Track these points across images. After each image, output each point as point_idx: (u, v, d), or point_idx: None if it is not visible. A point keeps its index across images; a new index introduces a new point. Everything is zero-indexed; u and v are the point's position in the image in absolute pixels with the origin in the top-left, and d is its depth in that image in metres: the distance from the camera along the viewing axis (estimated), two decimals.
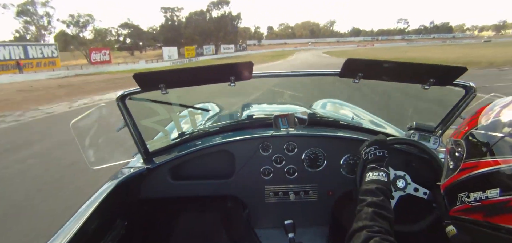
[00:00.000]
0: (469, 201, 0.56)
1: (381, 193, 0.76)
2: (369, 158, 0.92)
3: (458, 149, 0.61)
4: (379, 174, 0.83)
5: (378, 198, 0.75)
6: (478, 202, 0.54)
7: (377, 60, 1.03)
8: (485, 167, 0.52)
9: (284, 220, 1.18)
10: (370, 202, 0.73)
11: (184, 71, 1.08)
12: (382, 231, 0.63)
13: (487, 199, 0.52)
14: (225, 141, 1.36)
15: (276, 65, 24.00)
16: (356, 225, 0.68)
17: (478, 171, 0.54)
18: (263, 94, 5.93)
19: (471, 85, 1.10)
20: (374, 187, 0.78)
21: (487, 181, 0.52)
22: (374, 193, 0.77)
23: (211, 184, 1.39)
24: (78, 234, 0.80)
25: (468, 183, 0.56)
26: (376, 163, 0.89)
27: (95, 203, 0.93)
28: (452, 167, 0.62)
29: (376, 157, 0.91)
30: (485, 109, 0.61)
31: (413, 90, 6.27)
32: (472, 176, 0.55)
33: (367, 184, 0.82)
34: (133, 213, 1.26)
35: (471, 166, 0.56)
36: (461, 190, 0.58)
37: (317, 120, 1.61)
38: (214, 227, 1.51)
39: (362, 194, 0.79)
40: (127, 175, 1.16)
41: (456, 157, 0.61)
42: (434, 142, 1.24)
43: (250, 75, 1.14)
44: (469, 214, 0.57)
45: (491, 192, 0.51)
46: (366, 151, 0.95)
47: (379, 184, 0.80)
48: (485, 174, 0.52)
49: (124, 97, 1.13)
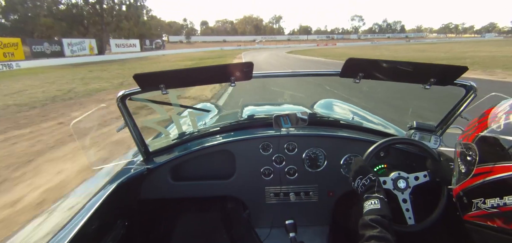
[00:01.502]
0: (486, 208, 0.53)
1: (376, 224, 0.76)
2: (361, 190, 0.92)
3: (470, 152, 0.59)
4: (372, 203, 0.83)
5: (375, 230, 0.74)
6: (496, 209, 0.52)
7: (378, 60, 1.03)
8: (502, 173, 0.50)
9: (285, 220, 1.18)
10: (368, 236, 0.73)
11: (184, 72, 1.08)
12: None
13: (505, 206, 0.50)
14: (225, 141, 1.36)
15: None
16: None
17: (494, 177, 0.51)
18: (263, 94, 5.93)
19: (472, 85, 1.10)
20: (369, 219, 0.78)
21: (504, 187, 0.50)
22: (370, 226, 0.76)
23: (212, 185, 1.39)
24: (78, 233, 0.80)
25: (484, 189, 0.54)
26: (368, 192, 0.88)
27: (96, 203, 0.93)
28: (464, 171, 0.60)
29: (365, 187, 0.90)
30: (493, 110, 0.59)
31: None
32: (487, 182, 0.53)
33: (362, 219, 0.82)
34: (134, 213, 1.26)
35: (485, 171, 0.53)
36: (476, 195, 0.56)
37: (318, 120, 1.61)
38: (214, 228, 1.51)
39: (361, 228, 0.79)
40: (128, 175, 1.16)
41: (468, 161, 0.59)
42: (435, 141, 1.24)
43: (250, 75, 1.14)
44: (486, 220, 0.55)
45: (510, 199, 0.49)
46: (355, 185, 0.95)
47: (373, 215, 0.79)
48: (501, 180, 0.50)
49: (124, 98, 1.13)
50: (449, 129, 1.25)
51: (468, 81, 1.11)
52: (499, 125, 0.54)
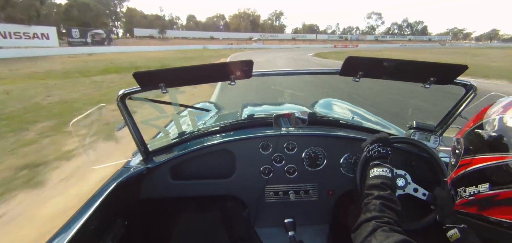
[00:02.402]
0: (466, 196, 0.59)
1: (387, 187, 0.78)
2: (373, 155, 0.93)
3: (458, 146, 0.64)
4: (384, 170, 0.85)
5: (385, 191, 0.77)
6: (472, 196, 0.58)
7: (378, 58, 1.03)
8: (478, 164, 0.56)
9: (285, 219, 1.18)
10: (378, 195, 0.75)
11: (184, 70, 1.08)
12: (391, 222, 0.66)
13: (479, 193, 0.56)
14: (225, 141, 1.36)
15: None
16: (365, 216, 0.70)
17: (472, 168, 0.57)
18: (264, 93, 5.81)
19: (472, 84, 1.10)
20: (380, 182, 0.80)
21: (479, 176, 0.56)
22: (381, 187, 0.78)
23: (211, 184, 1.39)
24: (78, 233, 0.80)
25: (464, 179, 0.60)
26: (380, 160, 0.90)
27: (95, 203, 0.93)
28: (453, 163, 0.66)
29: (380, 154, 0.92)
30: (490, 108, 0.63)
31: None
32: (467, 172, 0.59)
33: (372, 179, 0.83)
34: (133, 213, 1.26)
35: (466, 163, 0.59)
36: (459, 185, 0.62)
37: (317, 119, 1.61)
38: (214, 227, 1.52)
39: (368, 188, 0.81)
40: (127, 174, 1.16)
41: (456, 154, 0.65)
42: (434, 141, 1.24)
43: (250, 74, 1.14)
44: (466, 207, 0.61)
45: (482, 187, 0.55)
46: (369, 148, 0.96)
47: (384, 179, 0.81)
48: (477, 170, 0.56)
49: (124, 97, 1.13)
50: (449, 129, 1.26)
51: (468, 81, 1.11)
52: (480, 123, 0.60)
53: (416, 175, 1.07)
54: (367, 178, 0.87)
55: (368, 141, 0.98)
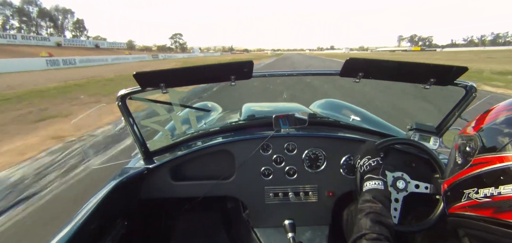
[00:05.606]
0: (478, 197, 0.55)
1: (378, 201, 0.78)
2: (365, 170, 0.93)
3: (471, 144, 0.60)
4: (376, 183, 0.85)
5: (377, 205, 0.76)
6: (489, 198, 0.53)
7: (378, 60, 1.03)
8: (501, 163, 0.51)
9: (284, 220, 1.18)
10: (368, 211, 0.75)
11: (185, 70, 1.08)
12: (382, 238, 0.64)
13: (499, 195, 0.51)
14: (225, 141, 1.36)
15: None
16: (356, 235, 0.69)
17: (492, 167, 0.52)
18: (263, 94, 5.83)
19: (472, 85, 1.10)
20: (371, 196, 0.80)
21: (502, 176, 0.51)
22: (372, 202, 0.78)
23: (211, 185, 1.39)
24: (78, 233, 0.80)
25: (479, 179, 0.55)
26: (372, 173, 0.90)
27: (96, 203, 0.93)
28: (460, 162, 0.61)
29: (371, 167, 0.92)
30: (498, 106, 0.60)
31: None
32: (485, 172, 0.54)
33: (364, 194, 0.84)
34: (134, 213, 1.26)
35: (483, 161, 0.54)
36: (469, 186, 0.57)
37: (317, 120, 1.61)
38: (214, 227, 1.52)
39: (360, 204, 0.81)
40: (127, 175, 1.16)
41: (466, 152, 0.60)
42: (434, 142, 1.24)
43: (250, 74, 1.14)
44: (476, 210, 0.56)
45: (506, 188, 0.50)
46: (360, 164, 0.97)
47: (375, 193, 0.81)
48: (500, 169, 0.51)
49: (125, 97, 1.13)
50: (448, 130, 1.26)
51: (468, 82, 1.11)
52: (502, 119, 0.56)
53: (416, 176, 1.07)
54: (361, 193, 0.88)
55: (358, 156, 0.99)
